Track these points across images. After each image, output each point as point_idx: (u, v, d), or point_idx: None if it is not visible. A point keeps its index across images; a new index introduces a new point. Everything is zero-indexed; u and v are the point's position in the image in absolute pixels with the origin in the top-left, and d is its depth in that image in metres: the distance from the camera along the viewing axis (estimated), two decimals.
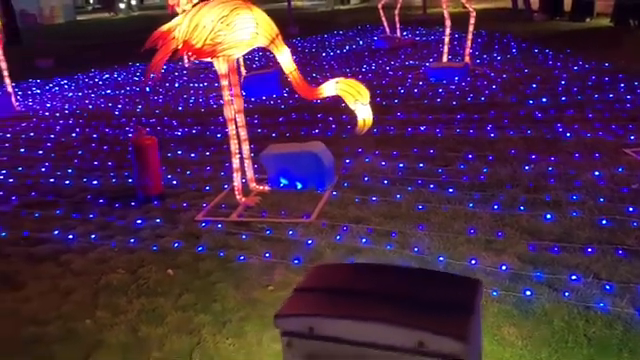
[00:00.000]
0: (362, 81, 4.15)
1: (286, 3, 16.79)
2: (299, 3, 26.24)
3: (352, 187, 4.64)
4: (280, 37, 4.19)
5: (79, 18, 30.26)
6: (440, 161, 5.04)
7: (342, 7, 23.94)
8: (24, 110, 8.95)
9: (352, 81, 4.10)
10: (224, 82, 4.28)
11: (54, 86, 11.05)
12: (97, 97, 9.59)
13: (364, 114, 3.99)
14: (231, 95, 4.34)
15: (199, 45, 4.10)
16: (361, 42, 12.85)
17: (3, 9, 11.65)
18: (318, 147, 4.73)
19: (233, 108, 4.38)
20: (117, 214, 4.54)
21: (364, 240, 3.72)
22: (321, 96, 4.19)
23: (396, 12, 11.39)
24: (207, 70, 10.75)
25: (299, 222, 4.09)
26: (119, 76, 11.49)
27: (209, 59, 4.22)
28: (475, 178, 4.60)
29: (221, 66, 4.23)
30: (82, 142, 6.84)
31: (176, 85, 9.84)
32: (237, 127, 4.46)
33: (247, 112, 5.46)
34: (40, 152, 6.54)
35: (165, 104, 8.59)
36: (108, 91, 10.03)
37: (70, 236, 4.19)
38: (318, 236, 3.84)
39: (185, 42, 4.12)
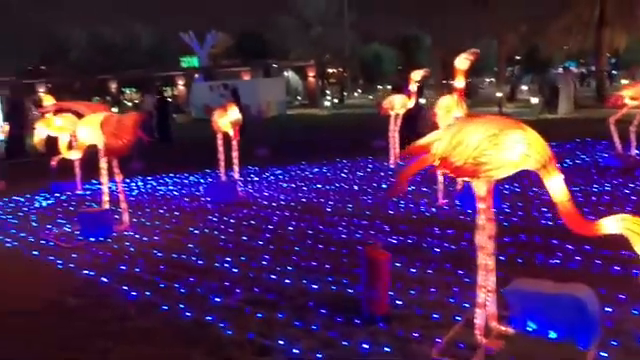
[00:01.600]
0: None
1: (495, 108, 16.34)
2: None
3: (624, 348, 3.70)
4: (554, 162, 3.65)
5: (289, 112, 33.54)
6: None
7: (549, 116, 22.65)
8: (245, 196, 9.60)
9: None
10: (481, 205, 3.83)
11: (269, 175, 11.86)
12: (309, 190, 9.94)
13: None
14: (485, 219, 3.87)
15: (459, 163, 3.75)
16: (584, 157, 11.65)
17: (238, 105, 13.19)
18: (581, 290, 3.92)
19: (486, 234, 3.88)
20: (340, 330, 4.21)
21: None
22: (599, 232, 3.49)
23: (632, 129, 10.13)
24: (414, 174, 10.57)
25: None
26: (328, 171, 11.93)
27: (468, 179, 3.84)
28: None
29: (480, 187, 3.81)
30: (298, 236, 6.91)
31: (383, 186, 9.77)
32: (486, 255, 3.93)
33: (467, 227, 4.88)
34: (260, 242, 6.72)
35: (375, 205, 8.48)
36: (318, 185, 10.36)
37: (295, 350, 3.94)
38: None
39: (444, 159, 3.81)
